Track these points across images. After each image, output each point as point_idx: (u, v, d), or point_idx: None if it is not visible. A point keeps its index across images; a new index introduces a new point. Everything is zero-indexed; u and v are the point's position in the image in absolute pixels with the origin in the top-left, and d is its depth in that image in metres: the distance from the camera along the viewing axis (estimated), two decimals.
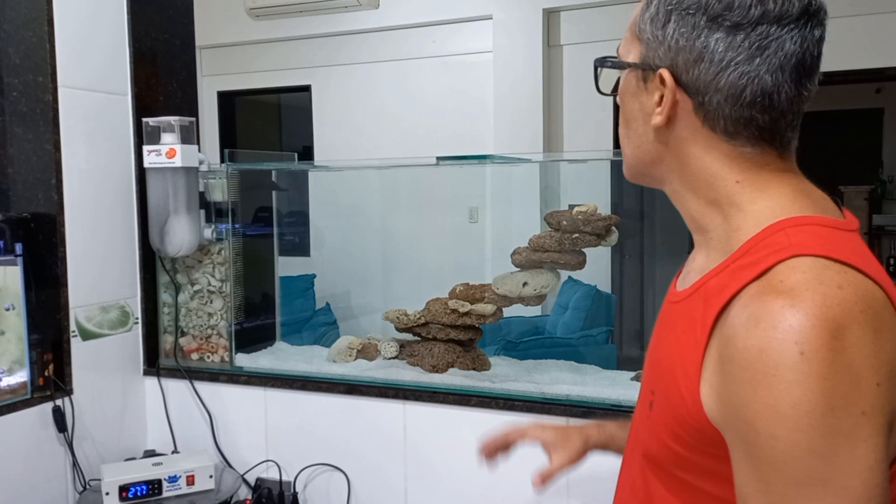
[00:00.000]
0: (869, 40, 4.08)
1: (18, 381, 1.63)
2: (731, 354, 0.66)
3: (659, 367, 0.78)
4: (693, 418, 0.70)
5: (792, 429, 0.62)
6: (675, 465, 0.75)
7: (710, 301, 0.71)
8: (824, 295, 0.64)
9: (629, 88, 0.80)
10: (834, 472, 0.62)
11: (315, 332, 3.68)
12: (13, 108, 1.69)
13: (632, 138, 0.81)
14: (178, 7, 1.97)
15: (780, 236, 0.70)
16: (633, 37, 0.79)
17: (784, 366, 0.62)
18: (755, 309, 0.65)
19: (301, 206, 4.06)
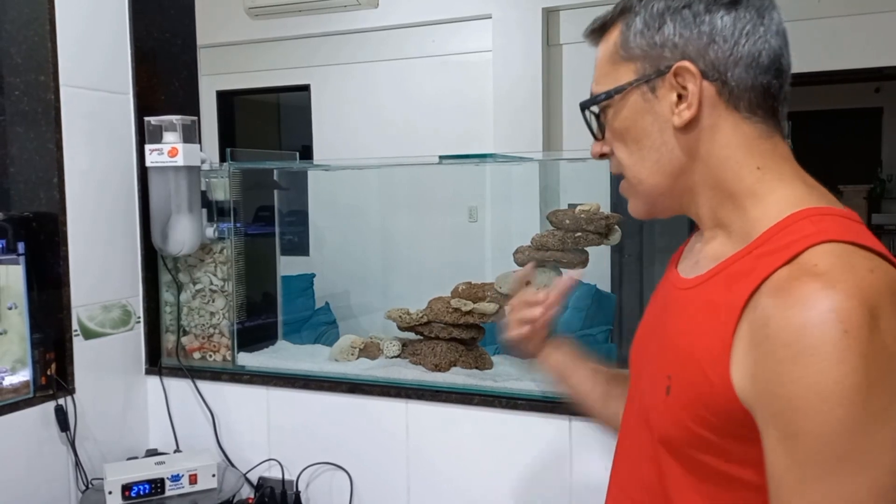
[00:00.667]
0: (868, 39, 4.09)
1: (21, 380, 1.63)
2: (768, 334, 0.67)
3: (675, 351, 0.79)
4: (721, 400, 0.72)
5: (835, 405, 0.64)
6: (698, 448, 0.76)
7: (736, 285, 0.73)
8: (860, 278, 0.67)
9: (635, 108, 0.82)
10: (868, 449, 0.64)
11: (315, 332, 3.68)
12: (15, 107, 1.69)
13: (647, 158, 0.82)
14: (179, 6, 1.97)
15: (805, 223, 0.73)
16: (617, 63, 0.82)
17: (828, 343, 0.64)
18: (793, 291, 0.67)
19: (300, 206, 4.06)
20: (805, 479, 0.66)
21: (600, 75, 0.85)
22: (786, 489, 0.67)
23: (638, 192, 0.85)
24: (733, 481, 0.75)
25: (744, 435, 0.71)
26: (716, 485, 0.76)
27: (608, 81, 0.84)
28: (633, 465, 0.89)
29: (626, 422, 0.94)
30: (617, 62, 0.83)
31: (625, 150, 0.84)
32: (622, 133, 0.84)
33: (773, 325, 0.67)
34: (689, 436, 0.76)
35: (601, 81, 0.85)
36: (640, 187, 0.84)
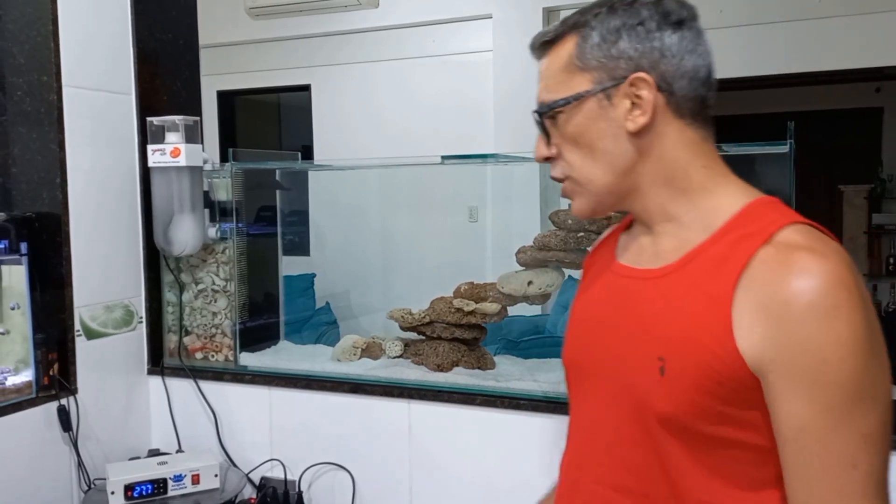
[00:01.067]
0: (868, 39, 4.09)
1: (24, 380, 1.63)
2: (784, 299, 0.78)
3: (666, 334, 0.86)
4: (729, 370, 0.80)
5: (856, 353, 0.76)
6: (702, 418, 0.83)
7: (722, 267, 0.83)
8: (836, 249, 0.80)
9: (590, 115, 0.89)
10: (876, 385, 0.78)
11: (315, 332, 3.68)
12: (18, 107, 1.69)
13: (599, 160, 0.90)
14: (181, 7, 1.97)
15: (766, 210, 0.86)
16: (572, 73, 0.90)
17: (843, 301, 0.76)
18: (795, 263, 0.79)
19: (301, 206, 4.06)
20: (834, 421, 0.77)
21: (552, 83, 0.92)
22: (814, 432, 0.78)
23: (586, 191, 0.92)
24: (734, 445, 0.83)
25: (748, 399, 0.80)
26: (715, 452, 0.84)
27: (562, 89, 0.91)
28: (614, 454, 0.92)
29: (587, 416, 0.97)
30: (572, 72, 0.90)
31: (577, 154, 0.91)
32: (575, 137, 0.91)
33: (788, 291, 0.77)
34: (693, 408, 0.82)
35: (554, 89, 0.92)
36: (590, 186, 0.92)
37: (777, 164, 1.37)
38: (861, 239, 5.92)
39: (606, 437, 0.93)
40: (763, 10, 4.23)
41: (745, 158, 1.75)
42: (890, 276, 5.89)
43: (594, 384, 0.96)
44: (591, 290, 1.02)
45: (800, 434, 0.78)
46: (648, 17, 0.86)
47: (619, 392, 0.91)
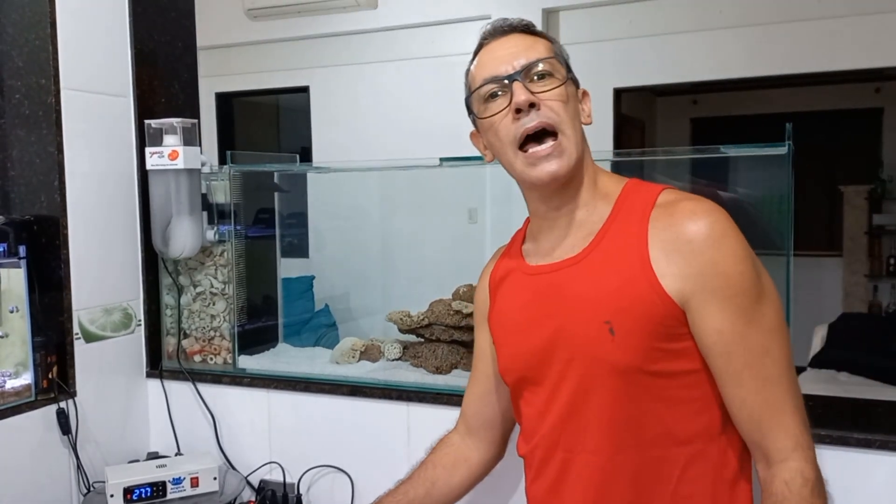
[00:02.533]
0: (868, 40, 4.09)
1: (23, 383, 1.63)
2: (688, 239, 0.98)
3: (605, 300, 1.02)
4: (666, 309, 0.99)
5: (746, 264, 0.98)
6: (650, 360, 1.00)
7: (627, 236, 1.02)
8: (701, 196, 1.03)
9: (572, 94, 1.08)
10: (766, 287, 1.00)
11: (314, 334, 3.68)
12: (16, 110, 1.69)
13: (577, 128, 1.07)
14: (179, 9, 1.97)
15: (639, 187, 1.08)
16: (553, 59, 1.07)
17: (728, 227, 0.99)
18: (680, 211, 1.00)
19: (300, 208, 4.05)
20: (746, 321, 0.97)
21: (545, 53, 1.08)
22: (734, 336, 0.97)
23: (569, 150, 1.04)
24: (678, 375, 1.01)
25: (681, 334, 1.00)
26: (667, 383, 1.01)
27: (553, 64, 1.07)
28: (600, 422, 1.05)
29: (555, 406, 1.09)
30: (553, 59, 1.08)
31: (567, 114, 1.05)
32: (569, 98, 1.06)
33: (686, 234, 0.98)
34: (645, 353, 1.00)
35: (549, 55, 1.08)
36: (572, 146, 1.05)
37: (776, 165, 1.37)
38: (861, 239, 5.91)
39: (579, 409, 1.06)
40: (763, 11, 4.23)
41: (744, 160, 1.75)
42: (890, 277, 5.89)
43: (548, 373, 1.09)
44: (508, 301, 1.16)
45: (722, 341, 0.97)
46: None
47: (576, 366, 1.05)
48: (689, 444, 1.03)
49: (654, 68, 4.63)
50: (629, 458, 1.04)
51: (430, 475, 1.29)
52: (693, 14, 4.39)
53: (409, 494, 1.28)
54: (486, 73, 1.07)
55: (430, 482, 1.29)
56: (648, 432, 1.03)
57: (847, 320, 4.45)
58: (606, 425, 1.04)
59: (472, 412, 1.32)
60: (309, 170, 3.86)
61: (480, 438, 1.32)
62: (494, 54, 1.08)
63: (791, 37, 4.23)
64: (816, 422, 1.35)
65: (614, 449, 1.04)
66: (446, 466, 1.30)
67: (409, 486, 1.30)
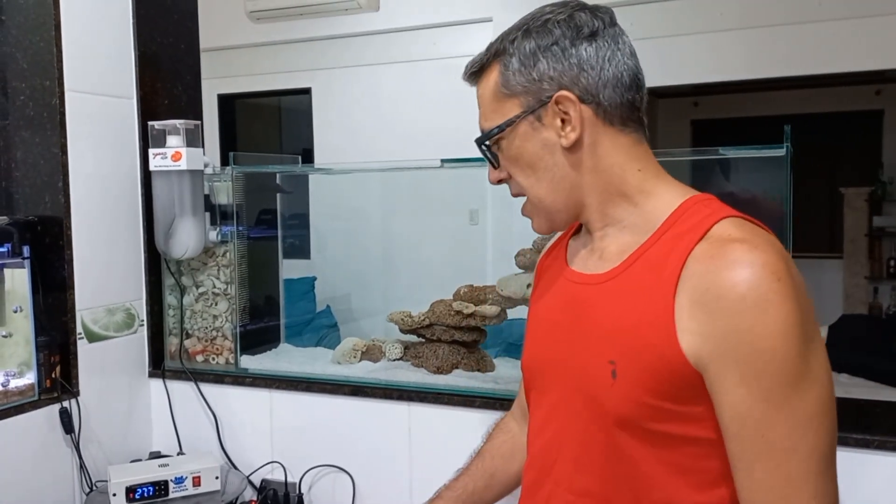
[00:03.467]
0: (868, 42, 4.10)
1: (26, 382, 1.64)
2: (718, 294, 0.80)
3: (615, 337, 0.88)
4: (674, 367, 0.83)
5: (785, 339, 0.78)
6: (653, 418, 0.86)
7: (662, 266, 0.85)
8: (767, 239, 0.83)
9: (525, 137, 0.92)
10: (811, 369, 0.80)
11: (316, 335, 3.69)
12: (20, 112, 1.70)
13: (543, 178, 0.93)
14: (183, 11, 1.98)
15: (700, 207, 0.89)
16: (501, 100, 0.93)
17: (772, 291, 0.78)
18: (726, 255, 0.81)
19: (301, 209, 4.06)
20: (771, 408, 0.79)
21: (487, 112, 0.95)
22: (752, 422, 0.80)
23: (539, 210, 0.95)
24: (686, 441, 0.86)
25: (694, 396, 0.83)
26: (670, 449, 0.87)
27: (496, 117, 0.94)
28: (579, 459, 0.94)
29: (548, 421, 0.99)
30: (501, 99, 0.93)
31: (521, 174, 0.94)
32: (517, 159, 0.94)
33: (720, 285, 0.80)
34: (645, 409, 0.85)
35: (489, 117, 0.95)
36: (541, 205, 0.95)
37: (776, 167, 1.38)
38: (862, 241, 5.91)
39: (570, 442, 0.95)
40: (763, 13, 4.24)
41: (744, 161, 1.76)
42: (891, 279, 5.89)
43: (553, 389, 0.99)
44: (546, 296, 1.05)
45: (740, 424, 0.81)
46: (561, 35, 0.89)
47: (577, 397, 0.94)
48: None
49: (655, 70, 4.61)
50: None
51: (488, 466, 1.21)
52: (694, 16, 4.40)
53: (469, 488, 1.20)
54: None
55: (488, 474, 1.20)
56: (646, 496, 0.89)
57: (847, 322, 4.46)
58: (598, 473, 0.92)
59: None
60: (311, 171, 3.87)
61: None
62: None
63: (792, 39, 4.24)
64: None
65: (603, 498, 0.92)
66: (504, 456, 1.21)
67: (467, 478, 1.21)
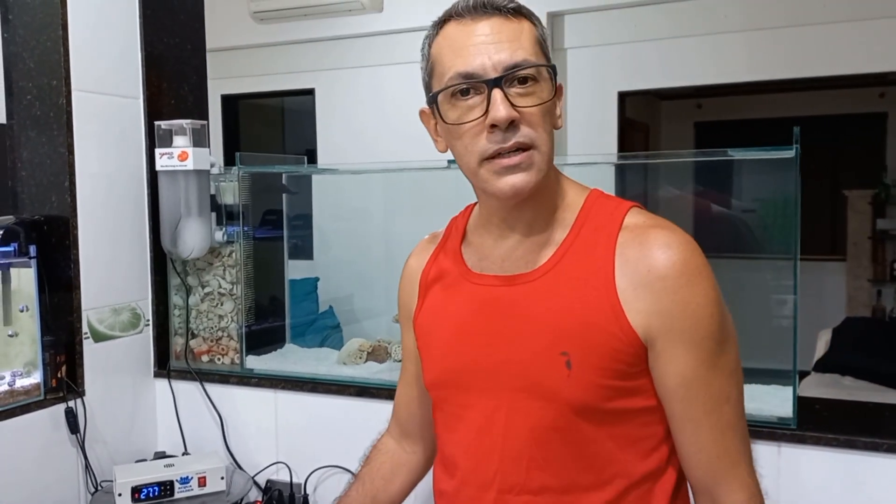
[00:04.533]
0: (872, 44, 4.09)
1: (32, 382, 1.64)
2: (660, 274, 0.89)
3: (563, 328, 0.91)
4: (627, 346, 0.90)
5: (715, 305, 0.90)
6: (608, 399, 0.91)
7: (592, 258, 0.92)
8: (672, 223, 0.93)
9: (552, 94, 0.94)
10: (729, 327, 0.92)
11: (319, 336, 3.68)
12: (27, 111, 1.70)
13: (550, 137, 0.93)
14: (189, 12, 1.99)
15: (602, 201, 0.97)
16: (539, 53, 0.92)
17: (702, 266, 0.90)
18: (655, 240, 0.90)
19: (305, 210, 4.06)
20: (711, 368, 0.90)
21: (532, 51, 0.91)
22: (698, 383, 0.90)
23: (540, 164, 0.92)
24: (636, 413, 0.93)
25: (641, 371, 0.91)
26: (623, 423, 0.93)
27: (542, 60, 0.92)
28: (532, 458, 0.94)
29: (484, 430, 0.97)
30: (541, 54, 0.92)
31: (540, 122, 0.91)
32: (548, 109, 0.92)
33: (659, 266, 0.89)
34: (602, 391, 0.91)
35: (537, 56, 0.91)
36: (543, 158, 0.92)
37: (782, 169, 1.38)
38: (865, 244, 5.90)
39: (518, 444, 0.94)
40: (767, 15, 4.24)
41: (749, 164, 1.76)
42: (894, 282, 5.88)
43: (484, 396, 0.96)
44: (446, 306, 1.02)
45: (687, 386, 0.90)
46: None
47: (522, 396, 0.93)
48: (641, 486, 0.94)
49: (658, 72, 4.63)
50: (579, 500, 0.94)
51: (369, 490, 1.19)
52: (698, 18, 4.40)
53: None
54: (460, 66, 0.89)
55: (370, 497, 1.19)
56: (602, 473, 0.93)
57: (851, 325, 4.45)
58: (555, 466, 0.93)
59: (405, 415, 1.22)
60: (317, 171, 3.87)
61: (415, 439, 1.21)
62: (470, 40, 0.89)
63: (795, 41, 4.24)
64: (823, 425, 1.36)
65: (562, 490, 0.94)
66: (385, 477, 1.20)
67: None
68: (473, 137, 0.90)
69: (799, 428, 1.36)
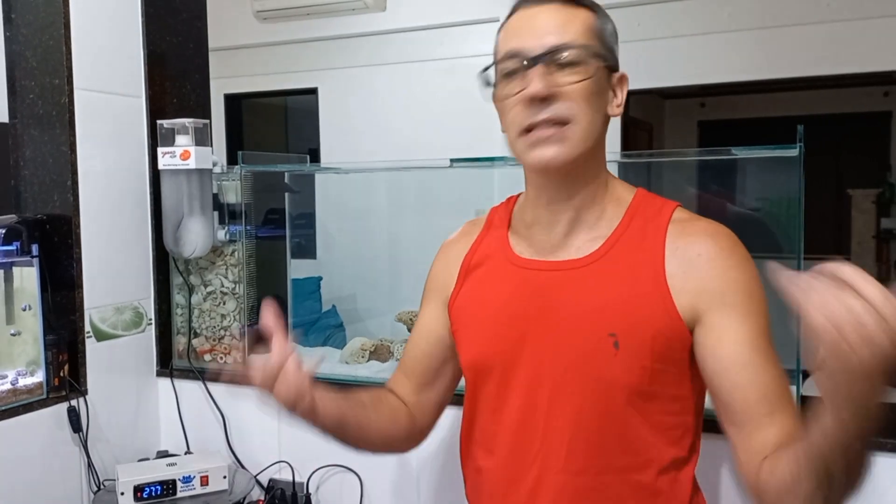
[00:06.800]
0: (877, 43, 4.08)
1: (35, 381, 1.64)
2: (709, 256, 0.95)
3: (612, 312, 0.95)
4: (674, 330, 0.94)
5: (760, 287, 0.95)
6: (651, 381, 0.95)
7: (643, 247, 0.97)
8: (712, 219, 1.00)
9: (602, 85, 0.98)
10: (765, 303, 0.96)
11: (322, 335, 3.68)
12: (30, 110, 1.70)
13: (595, 120, 0.97)
14: (191, 10, 1.99)
15: (649, 199, 1.03)
16: (592, 39, 0.97)
17: (744, 251, 0.97)
18: (702, 232, 0.97)
19: (308, 209, 4.06)
20: (759, 335, 0.94)
21: (583, 36, 0.96)
22: (748, 347, 0.93)
23: (577, 138, 0.95)
24: (672, 400, 0.97)
25: (684, 357, 0.96)
26: (659, 408, 0.96)
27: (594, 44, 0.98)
28: (577, 438, 0.97)
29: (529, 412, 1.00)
30: (592, 38, 0.97)
31: (583, 98, 0.95)
32: (593, 90, 0.96)
33: (708, 250, 0.95)
34: (646, 373, 0.94)
35: (584, 38, 0.96)
36: (580, 134, 0.95)
37: (786, 167, 1.37)
38: (869, 243, 5.89)
39: (565, 426, 0.98)
40: (771, 14, 4.23)
41: (753, 163, 1.75)
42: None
43: (529, 379, 1.00)
44: (495, 288, 1.05)
45: (748, 353, 0.93)
46: (614, 28, 1.02)
47: (575, 378, 0.97)
48: (668, 472, 0.98)
49: (662, 71, 4.62)
50: (612, 482, 0.97)
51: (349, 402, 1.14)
52: (701, 17, 4.39)
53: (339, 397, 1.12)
54: (511, 45, 0.97)
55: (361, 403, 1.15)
56: (638, 456, 0.97)
57: None
58: (594, 446, 0.97)
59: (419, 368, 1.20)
60: (320, 170, 3.87)
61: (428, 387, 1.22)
62: (526, 23, 0.97)
63: (799, 40, 4.22)
64: None
65: (600, 470, 0.97)
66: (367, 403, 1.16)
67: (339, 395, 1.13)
68: (514, 112, 0.96)
69: None
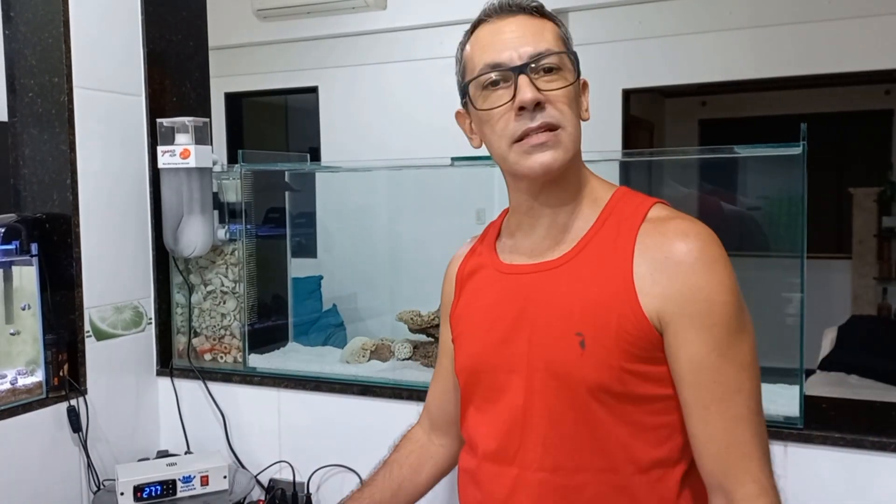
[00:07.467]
0: (878, 42, 4.07)
1: (34, 381, 1.64)
2: (676, 260, 0.93)
3: (579, 311, 0.96)
4: (641, 330, 0.93)
5: (732, 294, 0.93)
6: (620, 381, 0.95)
7: (614, 245, 0.97)
8: (693, 217, 0.98)
9: (577, 91, 1.02)
10: (746, 321, 0.95)
11: (322, 334, 3.68)
12: (29, 109, 1.70)
13: (573, 132, 0.99)
14: (191, 9, 1.98)
15: (629, 196, 1.03)
16: (562, 47, 1.00)
17: (719, 254, 0.94)
18: (674, 229, 0.95)
19: (308, 207, 4.05)
20: (722, 355, 0.92)
21: (556, 44, 1.00)
22: (707, 370, 0.92)
23: (568, 144, 0.98)
24: (650, 400, 0.96)
25: (659, 357, 0.95)
26: (636, 408, 0.96)
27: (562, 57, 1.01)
28: (549, 437, 0.99)
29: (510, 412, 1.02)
30: (563, 45, 1.01)
31: (567, 104, 0.98)
32: (573, 95, 1.00)
33: (676, 252, 0.93)
34: (614, 372, 0.94)
35: (557, 45, 1.00)
36: (570, 137, 0.98)
37: (788, 166, 1.36)
38: (871, 242, 5.88)
39: (539, 424, 1.00)
40: (772, 12, 4.22)
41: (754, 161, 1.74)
42: None
43: (511, 382, 1.02)
44: (478, 298, 1.10)
45: (696, 372, 0.92)
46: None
47: (542, 377, 0.99)
48: (649, 473, 0.97)
49: (663, 69, 4.62)
50: (589, 481, 0.98)
51: (395, 477, 1.24)
52: (702, 15, 4.38)
53: (376, 498, 1.23)
54: (489, 58, 0.98)
55: (395, 484, 1.24)
56: (611, 457, 0.97)
57: (857, 323, 4.43)
58: (568, 446, 0.98)
59: (436, 408, 1.28)
60: (320, 169, 3.87)
61: (445, 433, 1.27)
62: (498, 37, 0.99)
63: (800, 38, 4.22)
64: (830, 424, 1.35)
65: (574, 469, 0.98)
66: (412, 466, 1.26)
67: (373, 488, 1.24)
68: (503, 122, 0.98)
69: (806, 427, 1.34)
